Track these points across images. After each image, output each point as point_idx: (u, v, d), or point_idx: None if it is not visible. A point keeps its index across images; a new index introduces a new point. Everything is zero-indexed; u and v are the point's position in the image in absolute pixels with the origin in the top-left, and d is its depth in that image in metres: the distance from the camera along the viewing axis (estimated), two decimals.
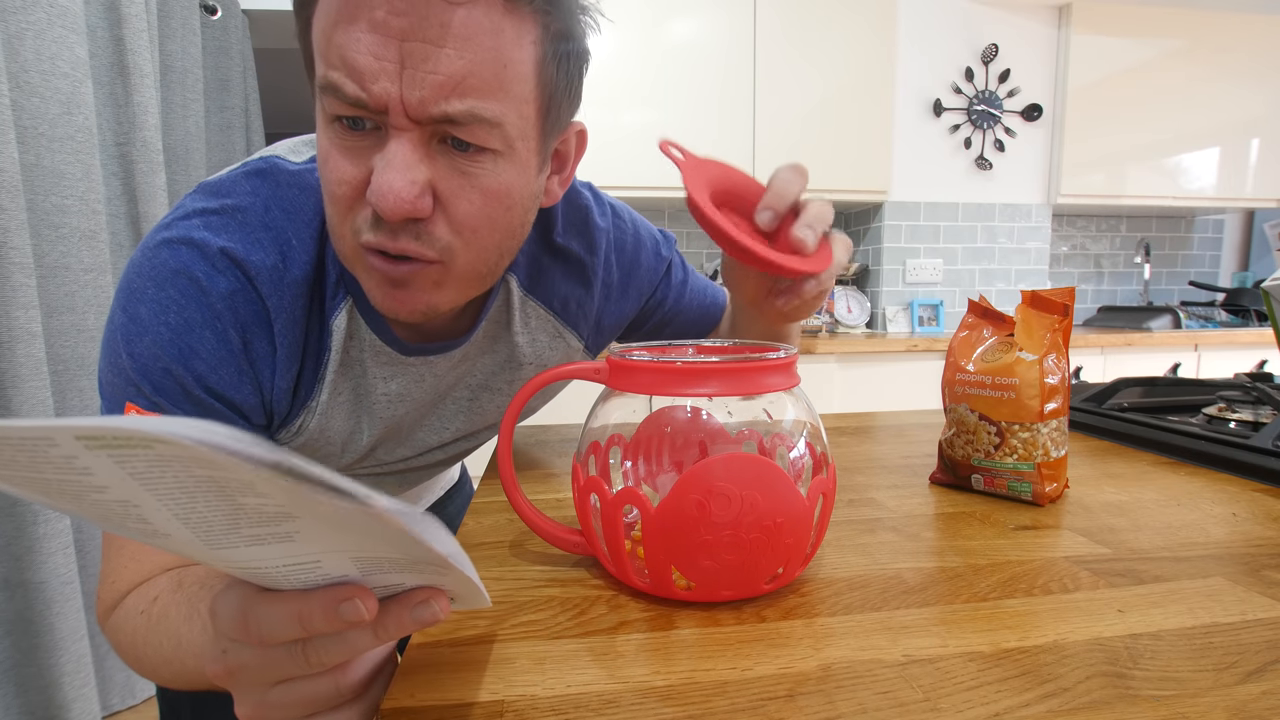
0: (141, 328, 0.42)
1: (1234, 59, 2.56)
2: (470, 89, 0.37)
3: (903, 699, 0.27)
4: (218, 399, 0.45)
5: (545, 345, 0.60)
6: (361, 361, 0.51)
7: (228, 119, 1.97)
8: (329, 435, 0.53)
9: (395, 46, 0.35)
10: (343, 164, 0.39)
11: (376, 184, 0.38)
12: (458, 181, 0.40)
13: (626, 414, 0.41)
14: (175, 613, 0.38)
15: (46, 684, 1.29)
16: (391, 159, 0.37)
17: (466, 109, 0.37)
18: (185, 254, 0.43)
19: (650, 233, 0.66)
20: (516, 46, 0.38)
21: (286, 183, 0.47)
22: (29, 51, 1.27)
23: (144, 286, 0.43)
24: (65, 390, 1.36)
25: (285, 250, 0.46)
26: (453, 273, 0.43)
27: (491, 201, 0.41)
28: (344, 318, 0.49)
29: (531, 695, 0.28)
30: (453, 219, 0.41)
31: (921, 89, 2.47)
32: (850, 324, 2.51)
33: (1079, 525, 0.47)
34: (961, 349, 0.55)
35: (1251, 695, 0.27)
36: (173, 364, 0.43)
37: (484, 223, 0.42)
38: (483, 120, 0.38)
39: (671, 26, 2.14)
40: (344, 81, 0.36)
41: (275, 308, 0.45)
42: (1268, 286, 0.70)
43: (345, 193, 0.40)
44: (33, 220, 1.29)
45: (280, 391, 0.48)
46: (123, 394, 0.43)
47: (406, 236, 0.40)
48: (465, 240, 0.42)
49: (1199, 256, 3.03)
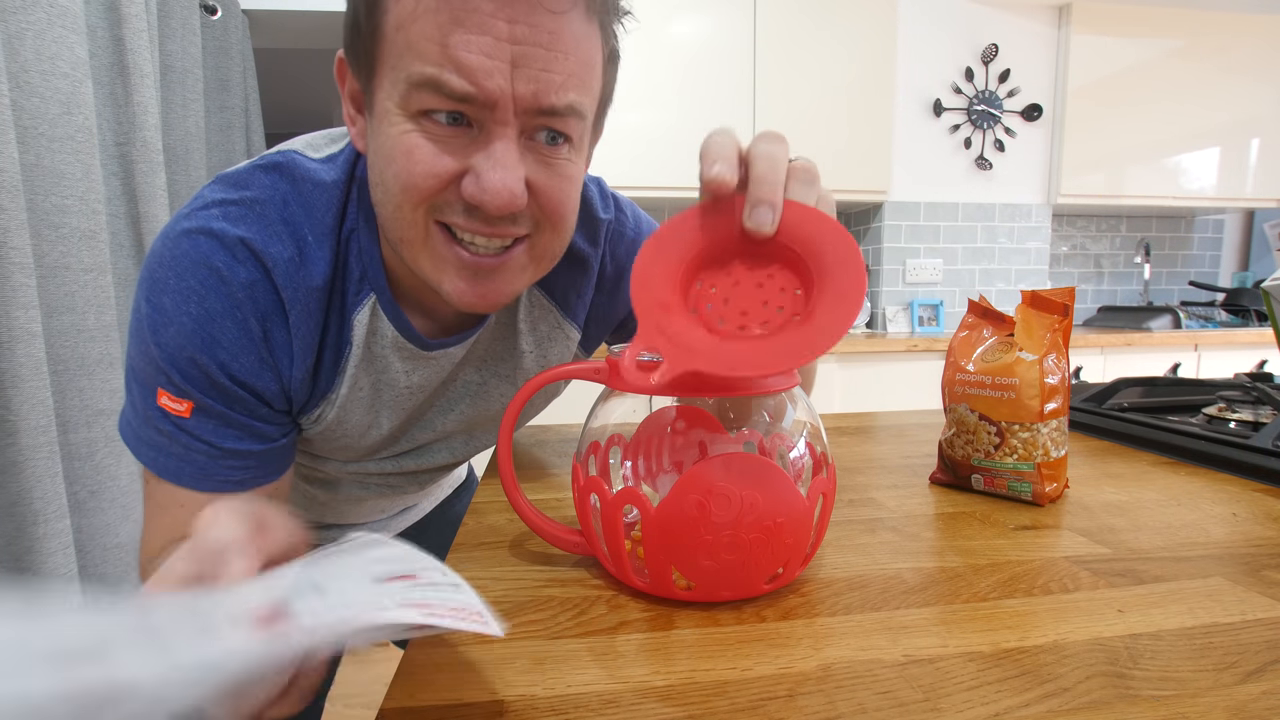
0: (166, 318, 0.44)
1: (1234, 59, 2.56)
2: (574, 85, 0.41)
3: (903, 699, 0.27)
4: (241, 386, 0.46)
5: (545, 335, 0.60)
6: (385, 357, 0.52)
7: (228, 119, 1.96)
8: (346, 426, 0.54)
9: (508, 50, 0.38)
10: (433, 159, 0.41)
11: (488, 182, 0.40)
12: (547, 173, 0.44)
13: (626, 414, 0.41)
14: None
15: None
16: (500, 158, 0.40)
17: (569, 103, 0.41)
18: (205, 244, 0.44)
19: (652, 229, 0.65)
20: (595, 51, 0.43)
21: (304, 179, 0.47)
22: (29, 51, 1.27)
23: (166, 277, 0.44)
24: (65, 390, 1.36)
25: (301, 246, 0.46)
26: (536, 252, 0.47)
27: (570, 187, 0.46)
28: (366, 314, 0.50)
29: (531, 695, 0.28)
30: (544, 206, 0.44)
31: (921, 89, 2.47)
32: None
33: (1079, 525, 0.47)
34: (961, 349, 0.55)
35: (1251, 695, 0.27)
36: (197, 353, 0.44)
37: (566, 206, 0.46)
38: (578, 114, 0.42)
39: (672, 26, 2.14)
40: (450, 77, 0.38)
41: (290, 300, 0.46)
42: (1268, 286, 0.70)
43: (433, 185, 0.41)
44: (33, 220, 1.29)
45: (297, 381, 0.48)
46: (154, 381, 0.45)
47: (504, 222, 0.44)
48: (552, 224, 0.46)
49: (1199, 256, 3.03)
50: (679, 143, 2.14)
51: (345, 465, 0.61)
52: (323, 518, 0.71)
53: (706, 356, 0.33)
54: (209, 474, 0.47)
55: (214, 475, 0.47)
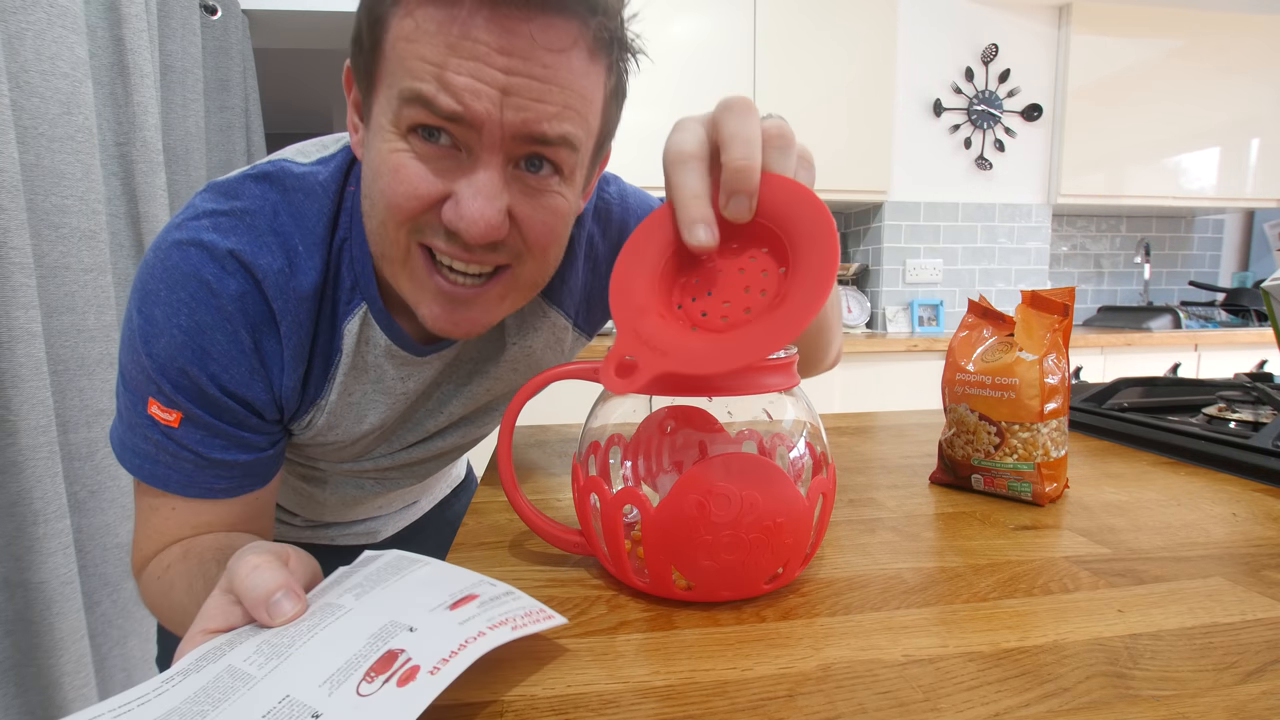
0: (157, 329, 0.44)
1: (1234, 59, 2.56)
2: (569, 118, 0.41)
3: (903, 699, 0.27)
4: (231, 397, 0.46)
5: (531, 325, 0.59)
6: (378, 365, 0.52)
7: (228, 119, 1.96)
8: (337, 431, 0.54)
9: (501, 79, 0.38)
10: (417, 179, 0.41)
11: (468, 211, 0.40)
12: (530, 203, 0.43)
13: (626, 414, 0.41)
14: (179, 584, 0.45)
15: (46, 684, 1.29)
16: (481, 188, 0.40)
17: (562, 133, 0.41)
18: (195, 256, 0.44)
19: (644, 203, 0.63)
20: (596, 88, 0.43)
21: (294, 187, 0.48)
22: (29, 51, 1.27)
23: (157, 289, 0.44)
24: (65, 390, 1.36)
25: (291, 256, 0.46)
26: (519, 282, 0.47)
27: (556, 219, 0.45)
28: (357, 322, 0.50)
29: (531, 695, 0.28)
30: (526, 236, 0.44)
31: (921, 89, 2.47)
32: (850, 324, 2.51)
33: (1079, 525, 0.47)
34: (961, 349, 0.55)
35: (1251, 695, 0.27)
36: (188, 365, 0.44)
37: (550, 238, 0.45)
38: (570, 145, 0.42)
39: (672, 26, 2.14)
40: (437, 95, 0.38)
41: (280, 310, 0.46)
42: (1268, 286, 0.70)
43: (415, 206, 0.41)
44: (33, 220, 1.29)
45: (289, 389, 0.49)
46: (145, 390, 0.45)
47: (484, 250, 0.43)
48: (535, 255, 0.45)
49: (1199, 256, 3.03)
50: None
51: (339, 464, 0.61)
52: (321, 516, 0.71)
53: (676, 356, 0.32)
54: (195, 482, 0.47)
55: (199, 483, 0.47)
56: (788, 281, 0.33)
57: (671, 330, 0.34)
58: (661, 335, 0.33)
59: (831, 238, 0.32)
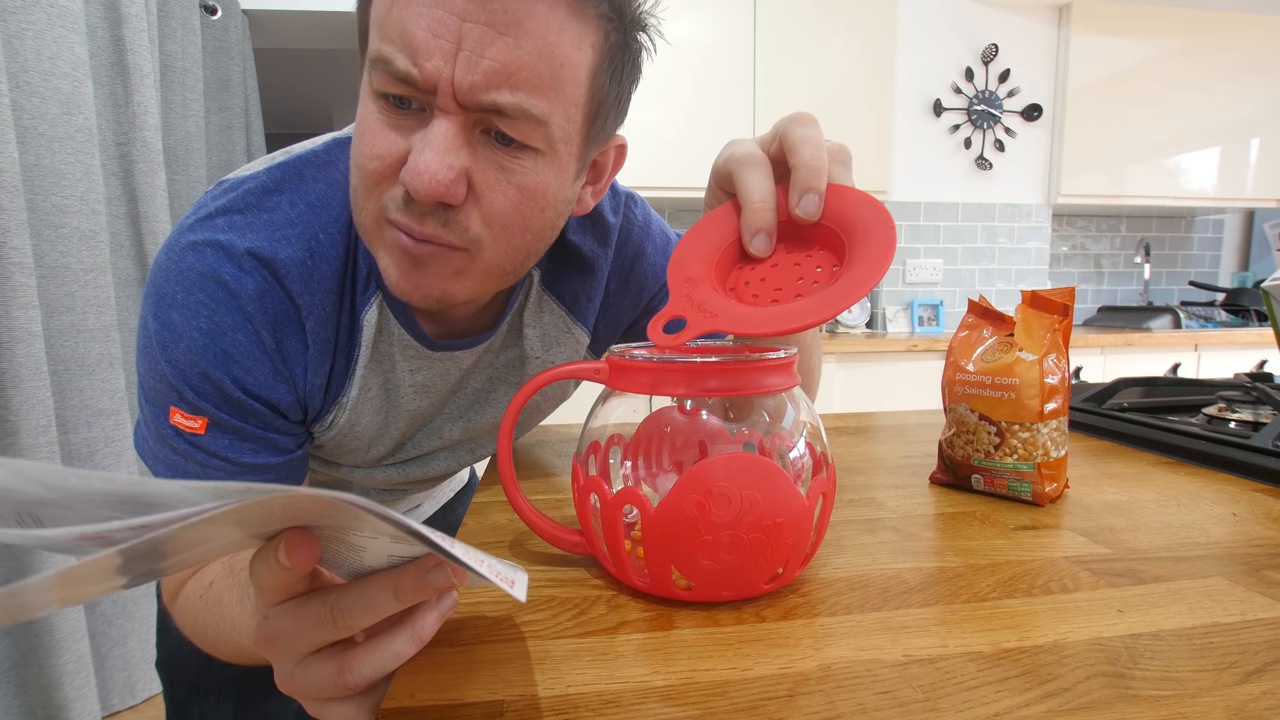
0: (176, 334, 0.42)
1: (1234, 59, 2.56)
2: (523, 82, 0.37)
3: (903, 699, 0.27)
4: (255, 399, 0.45)
5: (553, 339, 0.59)
6: (391, 356, 0.51)
7: (228, 119, 1.97)
8: (358, 431, 0.53)
9: (455, 25, 0.35)
10: (380, 139, 0.39)
11: (413, 163, 0.37)
12: (495, 174, 0.40)
13: (626, 414, 0.41)
14: (229, 596, 0.41)
15: (46, 684, 1.29)
16: (432, 139, 0.37)
17: (516, 102, 0.37)
18: (211, 257, 0.43)
19: (663, 230, 0.64)
20: (576, 48, 0.38)
21: (311, 177, 0.47)
22: (29, 51, 1.27)
23: (173, 292, 0.43)
24: (65, 390, 1.36)
25: (313, 245, 0.45)
26: (476, 265, 0.43)
27: (527, 199, 0.41)
28: (374, 312, 0.49)
29: (531, 695, 0.28)
30: (485, 211, 0.41)
31: (921, 89, 2.47)
32: (850, 324, 2.51)
33: (1079, 525, 0.47)
34: (961, 349, 0.55)
35: (1251, 695, 0.27)
36: (209, 368, 0.43)
37: (516, 220, 0.42)
38: (530, 116, 0.38)
39: (672, 26, 2.14)
40: (395, 55, 0.36)
41: (306, 305, 0.45)
42: (1268, 286, 0.70)
43: (377, 168, 0.39)
44: (33, 220, 1.29)
45: (313, 388, 0.48)
46: (166, 399, 0.44)
47: (434, 222, 0.40)
48: (495, 234, 0.42)
49: (1199, 256, 3.03)
50: (678, 143, 2.14)
51: (354, 471, 0.60)
52: None
53: (726, 318, 0.34)
54: None
55: None
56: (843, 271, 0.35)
57: (722, 299, 0.36)
58: (713, 301, 0.36)
59: (890, 228, 0.35)
